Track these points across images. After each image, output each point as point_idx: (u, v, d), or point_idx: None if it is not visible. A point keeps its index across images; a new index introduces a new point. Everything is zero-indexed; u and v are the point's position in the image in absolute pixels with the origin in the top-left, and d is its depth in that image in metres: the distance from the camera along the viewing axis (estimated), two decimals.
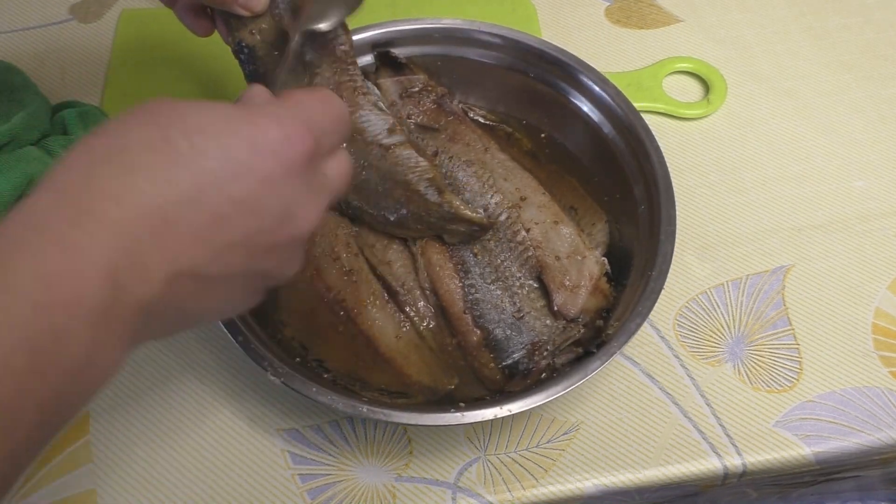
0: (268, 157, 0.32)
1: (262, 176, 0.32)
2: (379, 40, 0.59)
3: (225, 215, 0.31)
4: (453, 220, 0.52)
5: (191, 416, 0.51)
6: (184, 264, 0.31)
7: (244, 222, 0.32)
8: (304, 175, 0.34)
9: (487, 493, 0.48)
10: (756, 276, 0.57)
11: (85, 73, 0.67)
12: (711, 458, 0.50)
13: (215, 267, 0.32)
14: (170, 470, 0.49)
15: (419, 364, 0.50)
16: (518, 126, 0.62)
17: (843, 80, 0.69)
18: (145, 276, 0.30)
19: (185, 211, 0.30)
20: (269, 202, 0.33)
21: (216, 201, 0.31)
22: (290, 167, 0.33)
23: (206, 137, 0.32)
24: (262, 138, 0.33)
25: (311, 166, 0.35)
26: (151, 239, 0.30)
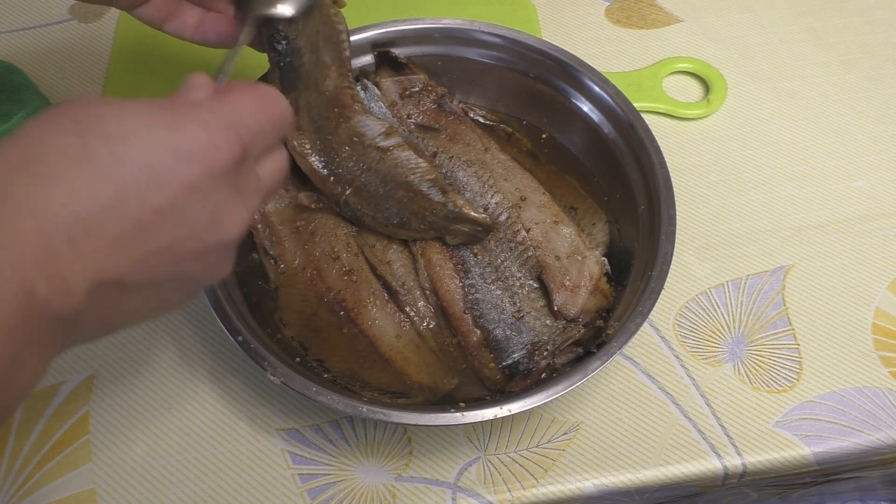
0: (192, 164, 0.32)
1: (186, 184, 0.31)
2: (379, 40, 0.59)
3: (148, 224, 0.31)
4: (457, 220, 0.52)
5: (191, 415, 0.51)
6: (106, 274, 0.30)
7: (168, 230, 0.31)
8: (231, 180, 0.33)
9: (487, 493, 0.48)
10: (756, 276, 0.57)
11: (85, 73, 0.67)
12: (711, 459, 0.50)
13: (140, 275, 0.31)
14: (170, 470, 0.49)
15: (419, 364, 0.50)
16: (518, 126, 0.62)
17: (843, 80, 0.69)
18: (65, 287, 0.29)
19: (106, 221, 0.30)
20: (194, 210, 0.32)
21: (138, 210, 0.30)
22: (216, 174, 0.32)
23: (128, 145, 0.31)
24: (187, 145, 0.32)
25: (240, 171, 0.34)
26: (70, 250, 0.29)
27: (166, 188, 0.31)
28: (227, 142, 0.33)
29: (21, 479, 0.48)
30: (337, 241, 0.53)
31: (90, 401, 0.51)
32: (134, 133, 0.31)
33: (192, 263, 0.33)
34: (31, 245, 0.28)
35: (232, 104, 0.35)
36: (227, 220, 0.34)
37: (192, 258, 0.33)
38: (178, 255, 0.32)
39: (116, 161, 0.30)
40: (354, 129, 0.52)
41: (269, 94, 0.37)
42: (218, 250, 0.34)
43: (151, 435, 0.50)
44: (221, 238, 0.34)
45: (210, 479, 0.49)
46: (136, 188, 0.30)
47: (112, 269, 0.30)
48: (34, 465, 0.48)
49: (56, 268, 0.29)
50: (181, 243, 0.32)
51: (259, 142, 0.36)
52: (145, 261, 0.31)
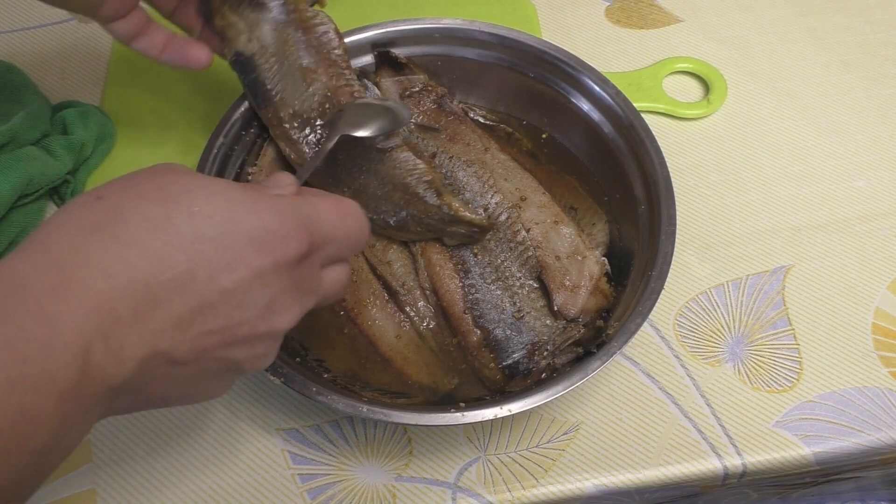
0: (263, 252, 0.32)
1: (254, 270, 0.32)
2: (379, 40, 0.59)
3: (211, 303, 0.31)
4: (453, 222, 0.52)
5: (191, 415, 0.51)
6: (160, 346, 0.30)
7: (227, 312, 0.32)
8: (293, 276, 0.34)
9: (487, 493, 0.48)
10: (756, 276, 0.57)
11: (85, 73, 0.67)
12: (711, 459, 0.50)
13: (190, 353, 0.31)
14: (170, 470, 0.49)
15: (419, 364, 0.50)
16: (518, 126, 0.62)
17: (843, 80, 0.69)
18: (120, 355, 0.29)
19: (173, 293, 0.30)
20: (254, 296, 0.32)
21: (205, 288, 0.31)
22: (280, 265, 0.33)
23: (209, 223, 0.31)
24: (261, 231, 0.32)
25: (303, 268, 0.34)
26: (133, 318, 0.29)
27: (235, 271, 0.31)
28: (298, 235, 0.33)
29: None
30: None
31: None
32: (217, 212, 0.31)
33: (239, 349, 0.33)
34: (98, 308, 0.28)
35: (312, 205, 0.36)
36: (281, 311, 0.34)
37: (241, 344, 0.33)
38: (229, 338, 0.32)
39: (195, 236, 0.31)
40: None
41: (350, 208, 0.38)
42: (265, 341, 0.34)
43: (151, 435, 0.50)
44: (271, 329, 0.34)
45: (210, 479, 0.49)
46: (208, 266, 0.31)
47: (166, 342, 0.30)
48: None
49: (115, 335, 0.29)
50: (235, 327, 0.32)
51: (329, 248, 0.36)
52: (198, 339, 0.31)
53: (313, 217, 0.35)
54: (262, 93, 0.52)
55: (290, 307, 0.34)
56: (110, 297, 0.29)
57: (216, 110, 0.55)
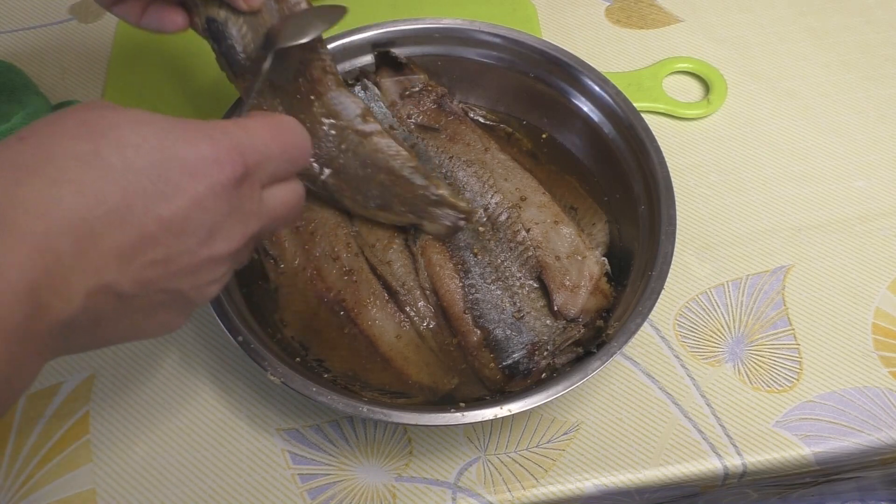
0: (197, 178, 0.32)
1: (190, 196, 0.32)
2: (379, 40, 0.59)
3: (151, 234, 0.31)
4: (438, 205, 0.52)
5: (191, 415, 0.51)
6: (105, 280, 0.30)
7: (166, 241, 0.32)
8: (231, 199, 0.34)
9: (487, 493, 0.48)
10: (756, 276, 0.57)
11: (85, 73, 0.67)
12: (711, 459, 0.50)
13: (134, 284, 0.32)
14: (170, 470, 0.49)
15: (419, 364, 0.50)
16: (518, 126, 0.62)
17: (843, 80, 0.69)
18: (66, 292, 0.29)
19: (112, 227, 0.30)
20: (192, 223, 0.32)
21: (143, 219, 0.31)
22: (216, 190, 0.33)
23: (139, 153, 0.31)
24: (194, 159, 0.32)
25: (241, 191, 0.34)
26: (74, 254, 0.29)
27: (171, 200, 0.31)
28: (231, 158, 0.33)
29: (21, 479, 0.48)
30: (337, 241, 0.53)
31: (90, 401, 0.51)
32: (146, 141, 0.32)
33: (183, 278, 0.33)
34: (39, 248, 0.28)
35: (244, 127, 0.35)
36: (222, 236, 0.34)
37: (184, 272, 0.33)
38: (172, 268, 0.33)
39: (127, 168, 0.31)
40: (329, 107, 0.52)
41: (285, 123, 0.37)
42: (209, 267, 0.34)
43: (151, 435, 0.50)
44: (212, 254, 0.34)
45: (210, 479, 0.49)
46: (143, 197, 0.31)
47: (111, 275, 0.30)
48: (34, 465, 0.48)
49: (59, 273, 0.29)
50: (176, 256, 0.32)
51: (267, 166, 0.36)
52: (141, 270, 0.31)
53: (245, 138, 0.35)
54: (236, 62, 0.51)
55: (231, 232, 0.34)
56: (49, 236, 0.29)
57: (215, 111, 0.56)
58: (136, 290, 0.32)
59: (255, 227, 0.36)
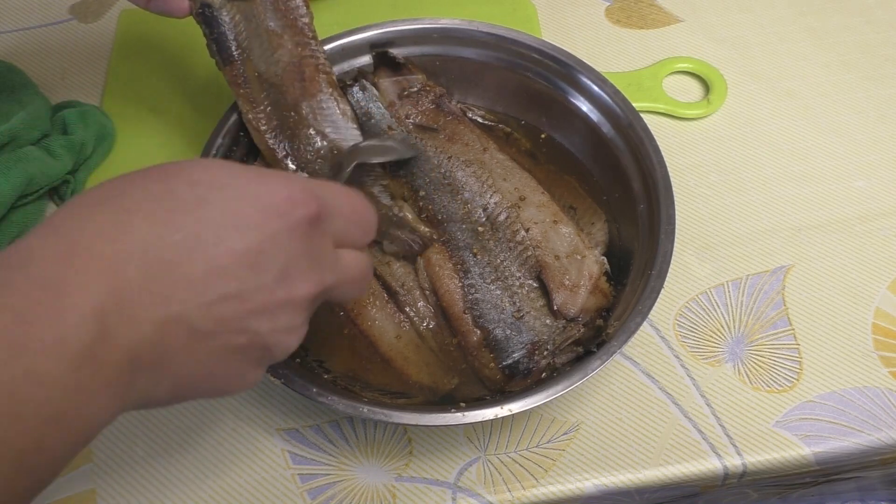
0: (271, 215, 0.32)
1: (264, 232, 0.32)
2: (377, 40, 0.59)
3: (223, 266, 0.31)
4: (399, 226, 0.52)
5: (191, 416, 0.51)
6: (176, 311, 0.30)
7: (241, 275, 0.31)
8: (306, 240, 0.33)
9: (487, 493, 0.48)
10: (756, 276, 0.57)
11: (85, 73, 0.67)
12: (711, 459, 0.50)
13: (208, 319, 0.31)
14: (170, 470, 0.49)
15: (419, 364, 0.50)
16: (517, 126, 0.62)
17: (843, 80, 0.69)
18: (134, 318, 0.29)
19: (183, 256, 0.30)
20: (267, 258, 0.32)
21: (215, 251, 0.30)
22: (292, 227, 0.32)
23: (212, 189, 0.31)
24: (267, 196, 0.32)
25: (316, 235, 0.34)
26: (144, 281, 0.29)
27: (244, 233, 0.31)
28: (306, 200, 0.33)
29: None
30: None
31: None
32: (218, 181, 0.32)
33: (259, 319, 0.32)
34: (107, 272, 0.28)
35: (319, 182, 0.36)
36: (298, 278, 0.33)
37: (260, 312, 0.32)
38: (247, 304, 0.32)
39: (198, 202, 0.31)
40: (315, 110, 0.51)
41: (358, 195, 0.38)
42: (286, 310, 0.33)
43: (151, 435, 0.50)
44: (290, 295, 0.33)
45: (210, 479, 0.48)
46: (216, 230, 0.31)
47: (181, 306, 0.30)
48: None
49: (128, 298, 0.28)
50: (251, 292, 0.32)
51: (339, 223, 0.36)
52: (214, 304, 0.31)
53: (319, 188, 0.35)
54: (226, 49, 0.51)
55: (308, 274, 0.34)
56: (118, 261, 0.29)
57: (216, 110, 0.55)
58: (210, 325, 0.31)
59: (330, 278, 0.35)
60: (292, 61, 0.51)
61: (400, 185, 0.56)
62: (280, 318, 0.33)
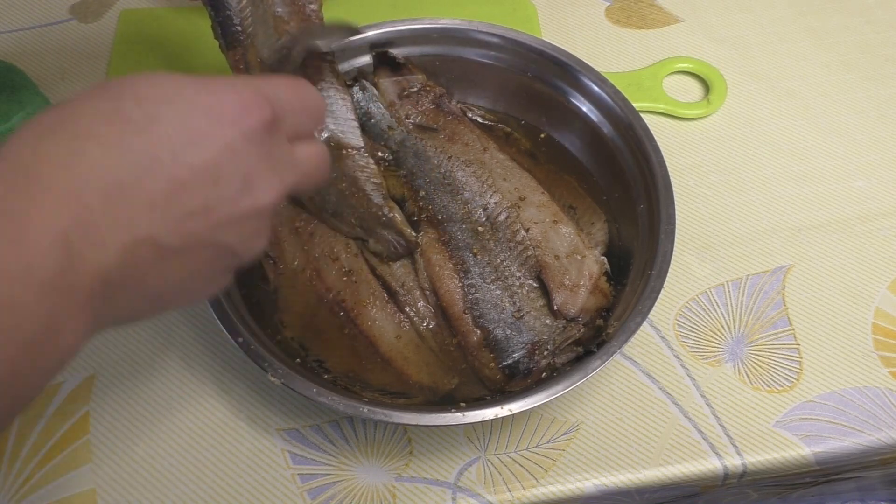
0: (225, 124, 0.32)
1: (220, 143, 0.31)
2: (377, 40, 0.59)
3: (183, 182, 0.31)
4: (387, 227, 0.52)
5: (191, 416, 0.51)
6: (141, 232, 0.30)
7: (203, 190, 0.31)
8: (263, 145, 0.33)
9: (487, 493, 0.48)
10: (756, 276, 0.57)
11: (85, 73, 0.67)
12: (711, 459, 0.50)
13: (175, 236, 0.31)
14: (170, 470, 0.49)
15: (419, 364, 0.50)
16: (517, 126, 0.62)
17: (844, 80, 0.69)
18: (100, 242, 0.29)
19: (140, 177, 0.30)
20: (227, 170, 0.32)
21: (172, 168, 0.30)
22: (248, 136, 0.32)
23: (161, 105, 0.31)
24: (219, 106, 0.32)
25: (273, 138, 0.34)
26: (104, 206, 0.29)
27: (200, 147, 0.31)
28: (258, 103, 0.33)
29: (21, 479, 0.48)
30: (336, 242, 0.53)
31: (90, 401, 0.51)
32: (166, 95, 0.31)
33: (227, 230, 0.33)
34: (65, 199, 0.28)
35: (265, 79, 0.35)
36: (261, 185, 0.33)
37: (227, 224, 0.33)
38: (213, 218, 0.32)
39: (150, 120, 0.30)
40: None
41: (303, 83, 0.37)
42: (252, 218, 0.34)
43: (151, 435, 0.50)
44: (255, 203, 0.33)
45: (210, 479, 0.49)
46: (170, 146, 0.30)
47: (146, 226, 0.30)
48: (34, 465, 0.48)
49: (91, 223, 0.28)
50: (216, 205, 0.32)
51: (291, 119, 0.36)
52: (180, 221, 0.31)
53: (268, 88, 0.34)
54: (231, 32, 0.51)
55: (270, 180, 0.34)
56: (76, 188, 0.28)
57: None
58: (179, 242, 0.31)
59: (291, 178, 0.35)
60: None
61: (400, 184, 0.56)
62: (247, 226, 0.34)
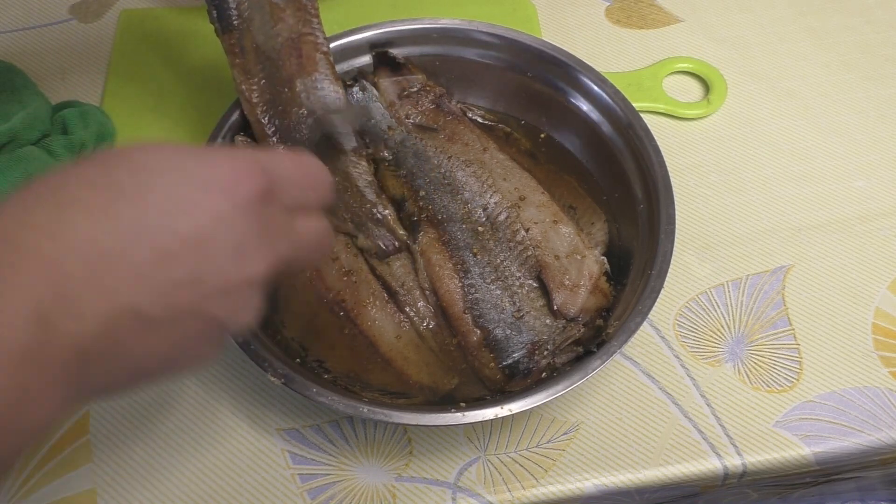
0: (217, 194, 0.31)
1: (211, 212, 0.31)
2: (377, 40, 0.59)
3: (170, 251, 0.30)
4: (379, 224, 0.52)
5: (191, 416, 0.51)
6: (123, 301, 0.29)
7: (191, 260, 0.30)
8: (257, 215, 0.32)
9: (487, 493, 0.48)
10: (756, 276, 0.57)
11: (85, 73, 0.67)
12: (711, 459, 0.50)
13: (160, 307, 0.30)
14: (170, 470, 0.49)
15: (419, 364, 0.50)
16: (517, 126, 0.62)
17: (844, 80, 0.69)
18: (77, 312, 0.28)
19: (126, 246, 0.29)
20: (218, 241, 0.31)
21: (160, 237, 0.30)
22: (240, 204, 0.32)
23: (152, 174, 0.30)
24: (212, 176, 0.31)
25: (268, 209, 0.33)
26: (87, 274, 0.28)
27: (191, 216, 0.30)
28: (252, 172, 0.32)
29: (21, 479, 0.48)
30: (336, 242, 0.53)
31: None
32: (162, 166, 0.31)
33: (217, 301, 0.32)
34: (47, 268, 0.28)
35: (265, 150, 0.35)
36: (253, 255, 0.32)
37: (217, 295, 0.32)
38: (202, 289, 0.31)
39: (140, 188, 0.30)
40: (310, 89, 0.51)
41: (309, 158, 0.37)
42: (242, 289, 0.33)
43: (151, 435, 0.50)
44: (245, 274, 0.32)
45: (210, 479, 0.48)
46: (160, 215, 0.30)
47: (129, 296, 0.29)
48: (34, 465, 0.48)
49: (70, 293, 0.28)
50: (205, 276, 0.31)
51: (291, 191, 0.35)
52: (166, 291, 0.30)
53: (266, 159, 0.34)
54: (226, 17, 0.51)
55: (263, 252, 0.33)
56: (58, 257, 0.28)
57: (216, 110, 0.55)
58: (164, 313, 0.30)
59: (286, 250, 0.35)
60: (291, 37, 0.51)
61: (400, 184, 0.56)
62: (236, 298, 0.33)
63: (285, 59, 0.51)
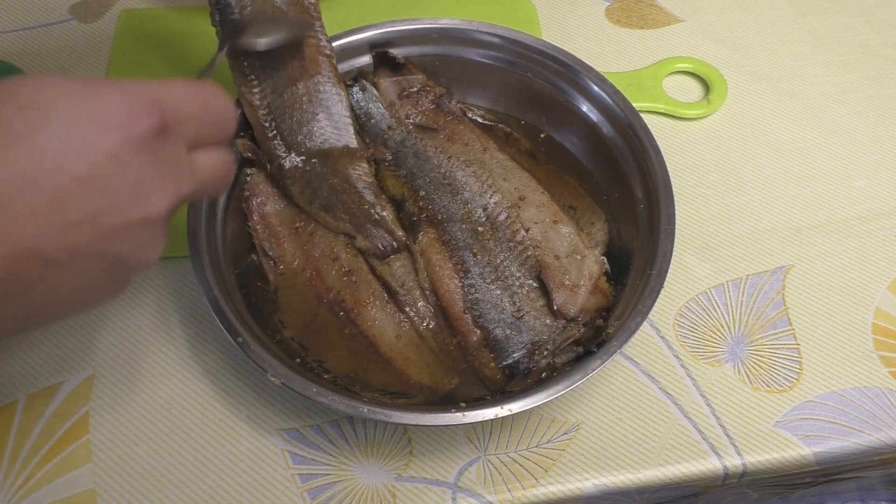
0: (111, 131, 0.31)
1: (106, 152, 0.30)
2: (377, 40, 0.59)
3: (67, 193, 0.30)
4: (377, 225, 0.52)
5: (191, 416, 0.51)
6: (23, 245, 0.29)
7: (89, 200, 0.30)
8: (154, 153, 0.32)
9: (487, 493, 0.48)
10: (756, 276, 0.57)
11: (85, 73, 0.67)
12: (711, 459, 0.50)
13: (61, 248, 0.30)
14: (170, 470, 0.49)
15: (419, 364, 0.50)
16: (517, 126, 0.62)
17: (844, 80, 0.69)
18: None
19: (22, 189, 0.29)
20: (115, 180, 0.31)
21: (56, 178, 0.29)
22: (136, 143, 0.31)
23: (44, 113, 0.30)
24: (105, 113, 0.31)
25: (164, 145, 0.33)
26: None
27: (85, 155, 0.30)
28: (146, 110, 0.32)
29: (21, 479, 0.48)
30: (336, 242, 0.53)
31: (90, 401, 0.51)
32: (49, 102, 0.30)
33: (118, 240, 0.32)
34: None
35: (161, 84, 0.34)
36: (152, 194, 0.32)
37: (117, 234, 0.32)
38: (102, 229, 0.31)
39: (32, 129, 0.30)
40: (312, 94, 0.51)
41: (208, 89, 0.36)
42: (144, 228, 0.33)
43: (151, 435, 0.50)
44: (146, 213, 0.32)
45: (210, 479, 0.49)
46: (53, 155, 0.30)
47: (30, 239, 0.29)
48: (34, 465, 0.48)
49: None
50: (104, 216, 0.31)
51: (189, 125, 0.34)
52: (66, 233, 0.30)
53: (162, 93, 0.33)
54: (228, 20, 0.51)
55: (162, 188, 0.33)
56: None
57: None
58: (64, 255, 0.30)
59: (187, 187, 0.34)
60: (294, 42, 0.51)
61: (400, 184, 0.56)
62: (139, 237, 0.33)
63: (287, 62, 0.51)
